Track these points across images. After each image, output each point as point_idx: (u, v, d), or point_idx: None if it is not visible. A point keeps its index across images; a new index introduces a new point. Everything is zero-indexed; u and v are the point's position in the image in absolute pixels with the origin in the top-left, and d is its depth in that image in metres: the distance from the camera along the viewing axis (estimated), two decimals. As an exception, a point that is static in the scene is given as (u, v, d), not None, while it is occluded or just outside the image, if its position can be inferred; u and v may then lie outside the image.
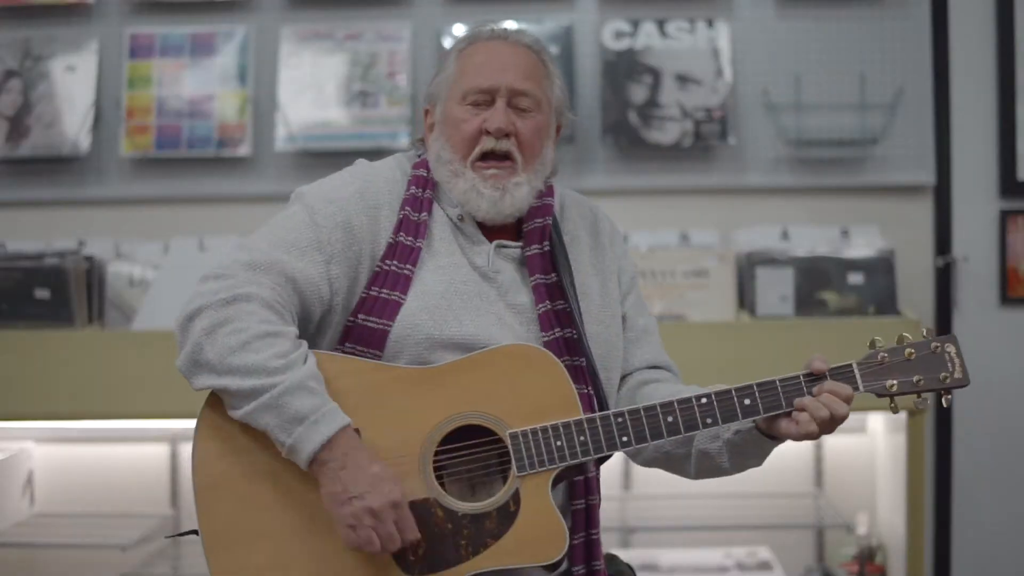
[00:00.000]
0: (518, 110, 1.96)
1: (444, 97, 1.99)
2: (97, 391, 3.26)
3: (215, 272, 1.84)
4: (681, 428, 1.84)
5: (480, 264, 1.94)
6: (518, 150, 1.95)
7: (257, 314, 1.80)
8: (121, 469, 3.61)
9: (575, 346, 1.92)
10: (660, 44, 3.60)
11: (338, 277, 1.88)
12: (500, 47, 1.98)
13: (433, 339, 1.86)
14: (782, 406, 1.85)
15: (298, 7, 3.66)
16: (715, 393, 1.85)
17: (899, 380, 1.87)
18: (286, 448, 1.76)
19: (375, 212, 1.93)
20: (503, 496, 1.80)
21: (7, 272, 3.42)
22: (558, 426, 1.82)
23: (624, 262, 2.09)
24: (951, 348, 1.88)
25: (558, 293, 1.94)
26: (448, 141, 1.96)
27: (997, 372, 3.59)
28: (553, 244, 1.98)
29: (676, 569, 3.40)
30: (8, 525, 3.47)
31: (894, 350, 1.88)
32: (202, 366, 1.79)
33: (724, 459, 1.92)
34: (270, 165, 3.64)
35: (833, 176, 3.61)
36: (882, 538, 3.52)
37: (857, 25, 3.60)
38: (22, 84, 3.64)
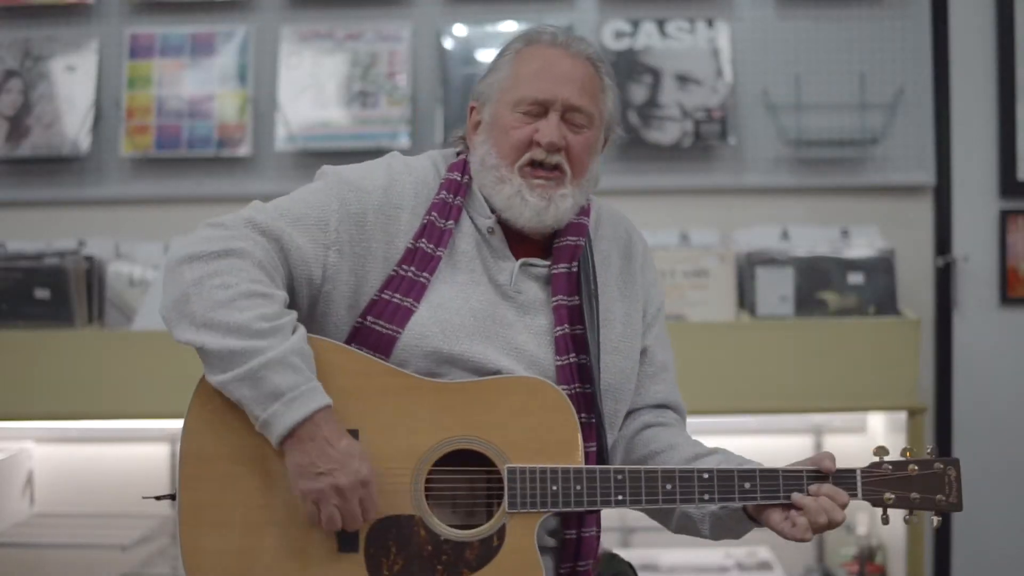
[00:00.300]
0: (571, 125, 1.91)
1: (495, 99, 1.93)
2: (97, 391, 3.26)
3: (216, 221, 1.83)
4: (677, 499, 1.81)
5: (502, 282, 1.90)
6: (567, 163, 1.91)
7: (248, 271, 1.77)
8: (121, 469, 3.61)
9: (589, 373, 1.88)
10: (660, 44, 3.60)
11: (336, 267, 1.85)
12: (559, 56, 1.92)
13: (441, 354, 1.83)
14: (779, 498, 1.83)
15: (298, 7, 3.66)
16: (717, 471, 1.81)
17: (897, 494, 1.91)
18: (259, 423, 1.74)
19: (396, 212, 1.89)
20: (488, 529, 1.78)
21: (7, 272, 3.42)
22: (557, 470, 1.79)
23: (653, 291, 2.05)
24: (952, 472, 1.90)
25: (578, 317, 1.90)
26: (495, 147, 1.91)
27: (997, 372, 3.60)
28: (581, 266, 1.94)
29: (676, 569, 3.40)
30: (8, 525, 3.47)
31: (898, 464, 1.90)
32: (185, 316, 1.75)
33: (705, 527, 1.91)
34: (270, 165, 3.64)
35: (833, 176, 3.61)
36: (882, 538, 3.52)
37: (857, 25, 3.60)
38: (22, 84, 3.64)
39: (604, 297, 1.96)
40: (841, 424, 3.61)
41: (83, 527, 3.48)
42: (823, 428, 3.61)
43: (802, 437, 3.61)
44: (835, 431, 3.62)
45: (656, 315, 2.04)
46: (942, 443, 3.58)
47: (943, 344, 3.59)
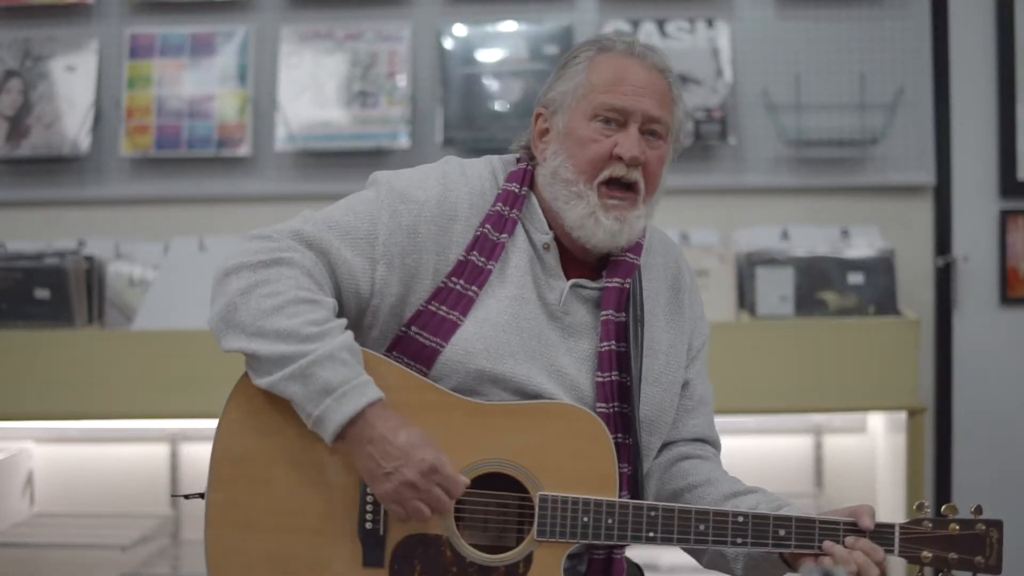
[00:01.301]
0: (649, 137, 1.86)
1: (568, 108, 1.87)
2: (97, 391, 3.26)
3: (262, 233, 1.80)
4: (710, 540, 1.78)
5: (551, 301, 1.87)
6: (643, 179, 1.86)
7: (295, 279, 1.75)
8: (121, 469, 3.61)
9: (627, 392, 1.86)
10: (660, 44, 3.60)
11: (385, 280, 1.82)
12: (636, 66, 1.87)
13: (483, 372, 1.80)
14: (814, 547, 1.80)
15: (298, 7, 3.66)
16: (752, 515, 1.79)
17: (935, 554, 1.83)
18: (312, 420, 1.71)
19: (449, 224, 1.85)
20: (516, 555, 1.76)
21: (7, 272, 3.42)
22: (590, 502, 1.76)
23: (700, 324, 2.01)
24: (994, 534, 1.84)
25: (623, 335, 1.87)
26: (571, 159, 1.85)
27: (997, 372, 3.60)
28: (634, 285, 1.91)
29: (676, 569, 3.39)
30: (8, 525, 3.47)
31: (939, 521, 1.84)
32: (234, 326, 1.73)
33: (739, 567, 1.88)
34: (270, 165, 3.64)
35: (833, 176, 3.61)
36: (882, 538, 3.51)
37: (857, 25, 3.60)
38: (22, 84, 3.64)
39: (650, 326, 1.92)
40: (841, 424, 3.61)
41: (83, 527, 3.48)
42: (823, 428, 3.61)
43: (802, 437, 3.61)
44: (835, 431, 3.62)
45: (700, 349, 2.01)
46: (942, 443, 3.58)
47: (943, 344, 3.59)
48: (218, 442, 1.78)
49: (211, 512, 1.77)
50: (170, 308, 3.31)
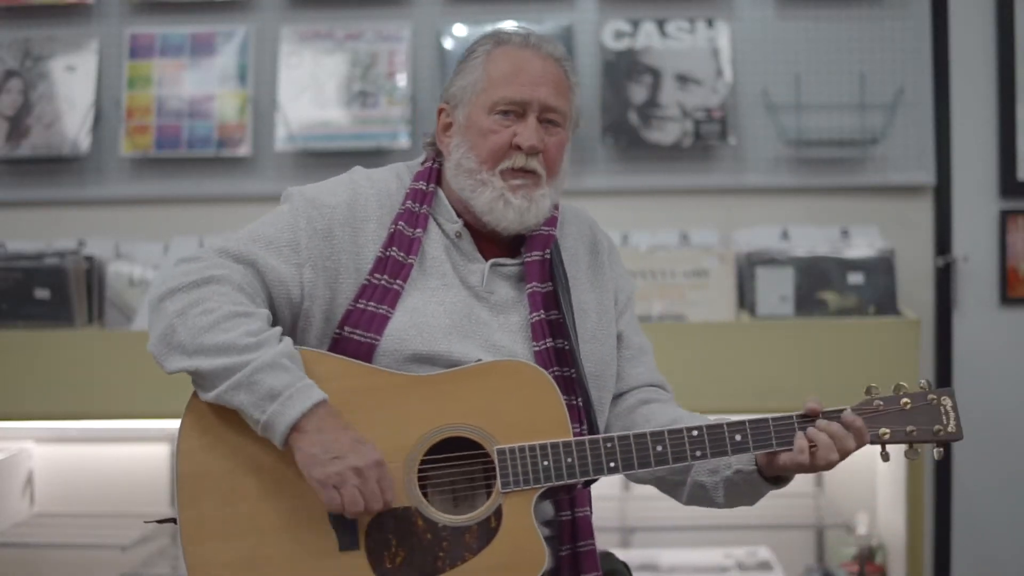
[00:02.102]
0: (546, 125, 1.93)
1: (469, 101, 1.94)
2: (97, 391, 3.27)
3: (188, 256, 1.87)
4: (670, 459, 1.82)
5: (474, 284, 1.93)
6: (543, 166, 1.93)
7: (228, 295, 1.81)
8: (121, 469, 3.61)
9: (566, 357, 1.91)
10: (660, 44, 3.60)
11: (312, 283, 1.88)
12: (532, 58, 1.94)
13: (420, 355, 1.85)
14: (772, 445, 1.83)
15: (298, 7, 3.66)
16: (707, 427, 1.83)
17: (892, 429, 1.87)
18: (260, 426, 1.76)
19: (362, 224, 1.92)
20: (485, 511, 1.79)
21: (7, 272, 3.42)
22: (546, 446, 1.80)
23: (622, 281, 2.08)
24: (947, 401, 1.88)
25: (552, 303, 1.93)
26: (473, 150, 1.93)
27: (997, 372, 3.60)
28: (553, 255, 1.97)
29: (676, 569, 3.40)
30: (8, 525, 3.47)
31: (890, 399, 1.88)
32: (174, 347, 1.79)
33: (719, 495, 1.92)
34: (270, 165, 3.64)
35: (833, 176, 3.61)
36: (882, 538, 3.52)
37: (857, 25, 3.60)
38: (22, 84, 3.65)
39: (576, 289, 1.99)
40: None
41: (83, 527, 3.49)
42: (823, 428, 3.60)
43: (802, 437, 3.61)
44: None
45: (627, 303, 2.07)
46: (942, 443, 3.58)
47: (943, 344, 3.59)
48: (179, 463, 1.81)
49: (184, 530, 1.79)
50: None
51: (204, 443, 1.81)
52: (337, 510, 1.75)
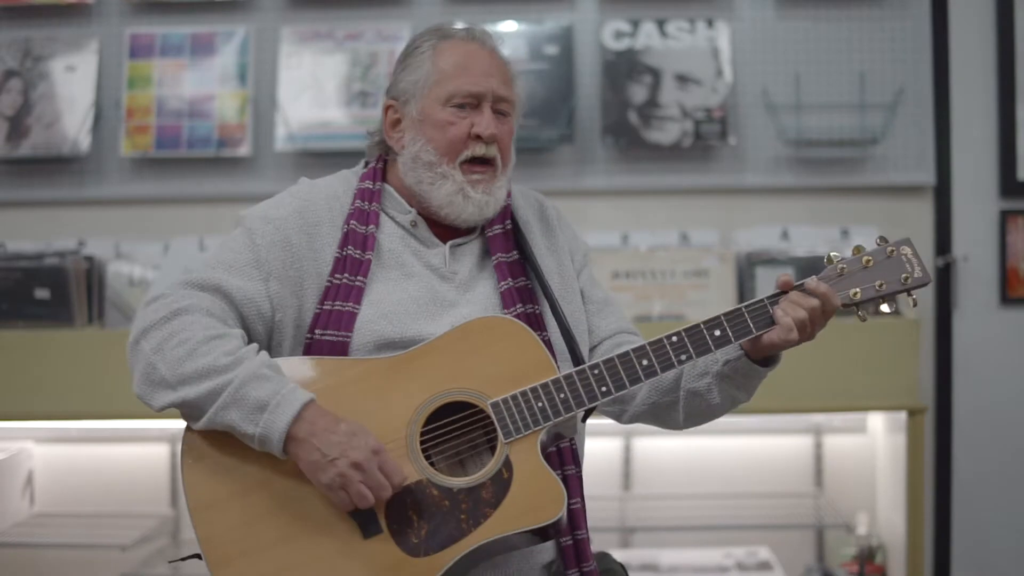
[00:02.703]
0: (499, 115, 1.99)
1: (420, 96, 1.99)
2: (97, 391, 3.27)
3: (154, 295, 1.89)
4: (657, 368, 1.86)
5: (437, 265, 1.97)
6: (500, 157, 1.99)
7: (199, 322, 1.84)
8: (121, 469, 3.61)
9: (537, 321, 1.95)
10: (660, 44, 3.60)
11: (279, 294, 1.91)
12: (478, 50, 2.02)
13: (393, 342, 1.88)
14: (752, 331, 1.87)
15: (298, 7, 3.66)
16: (684, 330, 1.87)
17: (861, 287, 1.89)
18: (256, 440, 1.78)
19: (315, 230, 1.95)
20: (495, 465, 1.82)
21: (7, 272, 3.42)
22: (537, 388, 1.83)
23: (575, 243, 2.13)
24: (907, 250, 1.91)
25: (520, 270, 1.99)
26: (431, 143, 1.97)
27: (997, 372, 3.60)
28: (514, 224, 2.04)
29: (676, 569, 3.40)
30: (8, 525, 3.47)
31: (851, 260, 1.91)
32: (157, 384, 1.83)
33: (714, 395, 1.94)
34: (270, 165, 3.64)
35: (833, 176, 3.61)
36: (882, 538, 3.52)
37: (857, 25, 3.60)
38: (22, 84, 3.65)
39: (536, 255, 2.04)
40: (841, 424, 3.61)
41: (83, 527, 3.49)
42: (823, 428, 3.61)
43: (802, 437, 3.61)
44: (835, 431, 3.62)
45: (583, 261, 2.12)
46: (942, 443, 3.59)
47: (943, 344, 3.59)
48: (189, 495, 1.83)
49: (211, 557, 1.81)
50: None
51: (207, 471, 1.83)
52: (348, 509, 1.77)
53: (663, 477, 3.61)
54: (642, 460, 3.61)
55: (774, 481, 3.58)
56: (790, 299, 1.86)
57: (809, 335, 1.87)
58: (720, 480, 3.58)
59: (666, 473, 3.60)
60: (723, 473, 3.58)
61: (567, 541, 1.91)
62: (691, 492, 3.56)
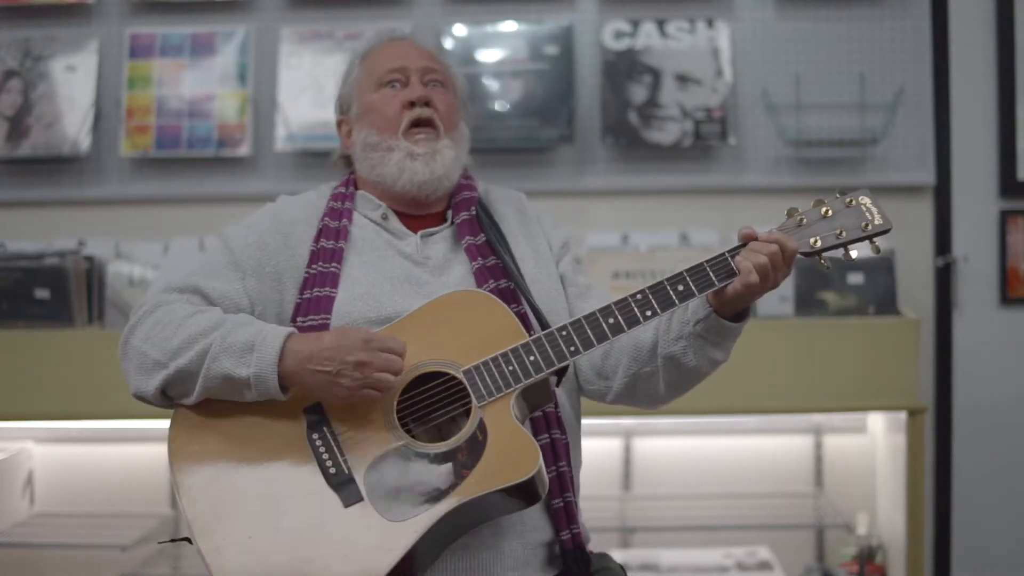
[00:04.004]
0: (431, 86, 2.09)
1: (356, 95, 2.12)
2: (97, 391, 3.26)
3: (137, 305, 1.99)
4: (624, 325, 1.88)
5: (409, 252, 2.04)
6: (439, 118, 2.07)
7: (179, 306, 1.94)
8: (121, 469, 3.62)
9: (511, 296, 1.99)
10: (660, 44, 3.60)
11: (257, 289, 1.99)
12: (398, 43, 2.15)
13: (371, 320, 1.93)
14: (714, 283, 1.88)
15: (298, 7, 3.66)
16: (647, 287, 1.89)
17: (822, 235, 1.92)
18: (252, 381, 1.83)
19: (290, 229, 2.05)
20: (469, 429, 1.84)
21: (7, 272, 3.42)
22: (507, 352, 1.86)
23: (554, 233, 2.17)
24: (865, 200, 1.94)
25: (488, 250, 2.04)
26: (373, 126, 2.08)
27: (997, 372, 3.60)
28: (480, 215, 2.09)
29: (676, 569, 3.40)
30: (8, 525, 3.47)
31: (810, 211, 1.94)
32: (151, 369, 1.91)
33: (690, 356, 1.94)
34: (270, 165, 3.64)
35: (833, 176, 3.61)
36: (882, 538, 3.52)
37: (857, 25, 3.60)
38: (22, 84, 3.65)
39: (510, 243, 2.10)
40: (841, 424, 3.61)
41: (83, 527, 3.49)
42: (823, 428, 3.61)
43: (802, 437, 3.61)
44: (835, 431, 3.62)
45: (563, 249, 2.16)
46: (942, 443, 3.58)
47: (943, 344, 3.59)
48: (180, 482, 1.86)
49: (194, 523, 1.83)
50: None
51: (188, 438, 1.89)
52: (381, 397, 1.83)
53: (663, 477, 3.61)
54: (642, 460, 3.61)
55: (774, 481, 3.58)
56: (749, 247, 1.89)
57: (773, 282, 1.89)
58: (720, 480, 3.58)
59: (666, 473, 3.60)
60: (723, 473, 3.58)
61: (557, 503, 1.94)
62: (691, 492, 3.56)
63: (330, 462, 1.84)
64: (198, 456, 1.87)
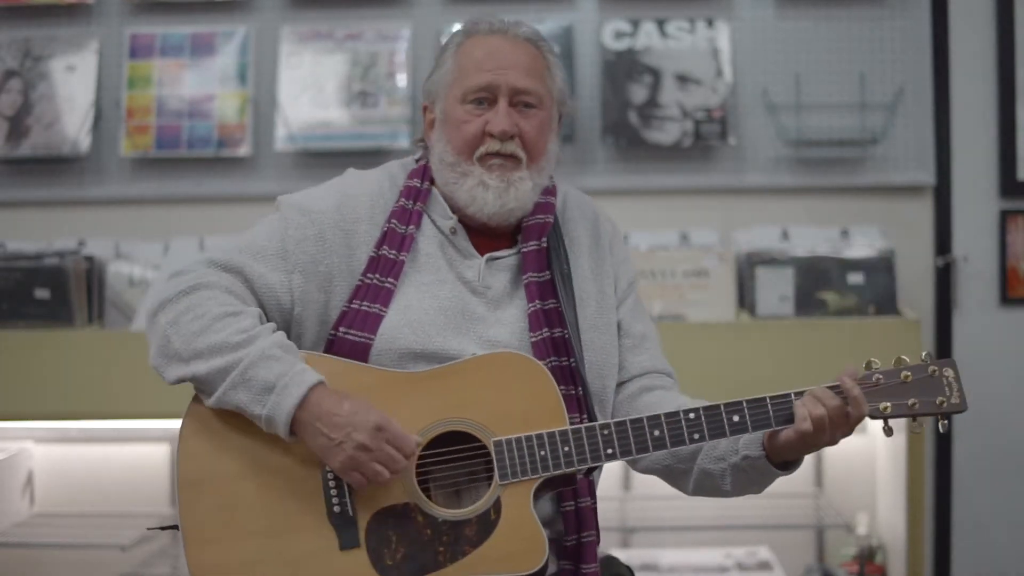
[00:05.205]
0: (521, 108, 1.93)
1: (443, 95, 1.96)
2: (97, 391, 3.26)
3: (178, 270, 1.88)
4: (667, 442, 1.81)
5: (470, 278, 1.93)
6: (522, 149, 1.92)
7: (216, 298, 1.83)
8: (121, 469, 3.61)
9: (565, 346, 1.89)
10: (660, 44, 3.60)
11: (303, 289, 1.88)
12: (499, 42, 1.95)
13: (415, 353, 1.85)
14: (771, 424, 1.81)
15: (298, 7, 3.66)
16: (703, 408, 1.81)
17: (893, 403, 1.84)
18: (263, 420, 1.77)
19: (353, 226, 1.92)
20: (484, 504, 1.79)
21: (7, 272, 3.42)
22: (543, 435, 1.79)
23: (623, 268, 2.06)
24: (949, 372, 1.84)
25: (550, 292, 1.92)
26: (450, 143, 1.93)
27: (997, 372, 3.59)
28: (551, 242, 1.96)
29: (676, 569, 3.40)
30: (8, 525, 3.47)
31: (890, 372, 1.84)
32: (171, 357, 1.81)
33: (727, 482, 1.89)
34: (270, 165, 3.64)
35: (833, 176, 3.61)
36: (882, 538, 3.52)
37: (857, 25, 3.60)
38: (22, 84, 3.64)
39: (576, 277, 1.98)
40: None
41: (83, 527, 3.48)
42: (823, 428, 3.60)
43: (802, 437, 3.60)
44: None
45: (628, 290, 2.05)
46: (942, 443, 3.58)
47: (943, 344, 3.59)
48: (179, 469, 1.82)
49: (186, 535, 1.80)
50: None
51: (202, 448, 1.82)
52: (366, 486, 1.76)
53: (663, 477, 3.60)
54: (642, 460, 3.61)
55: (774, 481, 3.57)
56: (814, 393, 1.80)
57: (829, 438, 1.80)
58: (720, 480, 3.57)
59: (666, 473, 3.60)
60: (723, 473, 3.58)
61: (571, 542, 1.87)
62: (691, 492, 3.55)
63: (336, 500, 1.79)
64: (207, 459, 1.81)
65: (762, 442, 1.84)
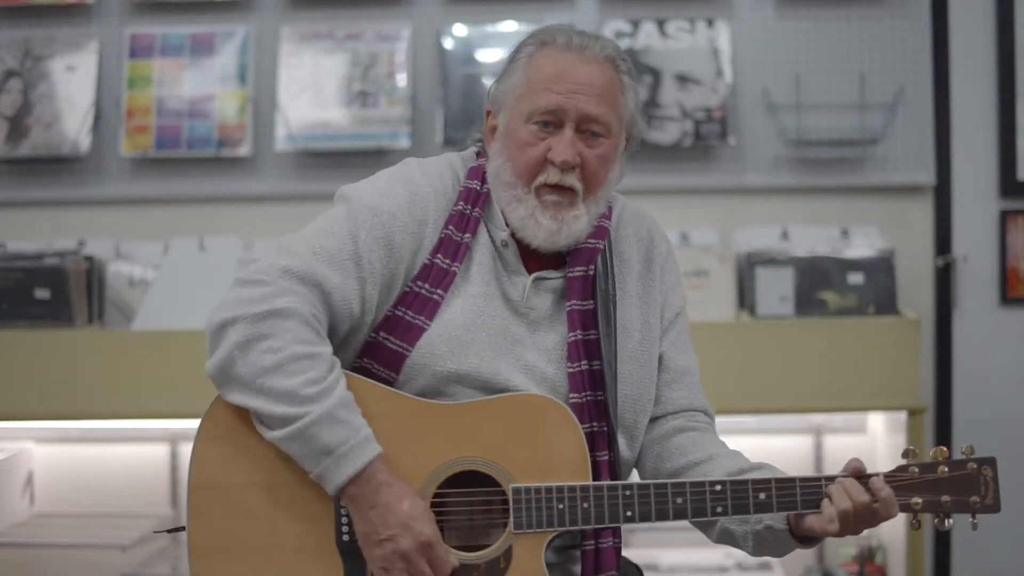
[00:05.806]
0: (587, 136, 1.85)
1: (509, 107, 1.88)
2: (97, 391, 3.27)
3: (252, 277, 1.77)
4: (689, 513, 1.77)
5: (514, 297, 1.87)
6: (581, 180, 1.85)
7: (294, 332, 1.74)
8: (121, 469, 3.61)
9: (602, 380, 1.85)
10: (660, 44, 3.60)
11: (372, 298, 1.82)
12: (573, 60, 1.85)
13: (450, 372, 1.81)
14: (797, 507, 1.77)
15: (298, 7, 3.66)
16: (730, 483, 1.77)
17: (925, 499, 1.79)
18: (313, 475, 1.74)
19: (421, 229, 1.86)
20: (495, 551, 1.76)
21: (7, 272, 3.42)
22: (563, 488, 1.76)
23: (672, 295, 1.98)
24: (988, 472, 1.82)
25: (592, 322, 1.86)
26: (509, 161, 1.86)
27: (997, 372, 3.59)
28: (598, 269, 1.90)
29: (676, 569, 3.40)
30: (8, 525, 3.47)
31: (926, 466, 1.80)
32: (233, 380, 1.74)
33: (748, 545, 1.86)
34: (270, 165, 3.64)
35: (833, 176, 3.61)
36: (882, 538, 3.52)
37: (857, 25, 3.60)
38: (22, 84, 3.64)
39: (622, 305, 1.92)
40: (841, 424, 3.61)
41: (83, 527, 3.48)
42: (823, 428, 3.61)
43: (802, 437, 3.61)
44: (835, 431, 3.62)
45: (673, 320, 1.98)
46: (942, 443, 3.58)
47: (943, 344, 3.59)
48: (193, 472, 1.78)
49: (192, 541, 1.77)
50: (170, 308, 3.32)
51: (219, 454, 1.78)
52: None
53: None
54: (642, 460, 3.61)
55: (774, 481, 3.57)
56: (844, 486, 1.75)
57: (852, 530, 1.75)
58: (720, 480, 3.57)
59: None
60: (723, 473, 3.58)
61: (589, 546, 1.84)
62: (691, 492, 3.55)
63: (347, 528, 1.76)
64: (221, 465, 1.78)
65: (787, 515, 1.80)
